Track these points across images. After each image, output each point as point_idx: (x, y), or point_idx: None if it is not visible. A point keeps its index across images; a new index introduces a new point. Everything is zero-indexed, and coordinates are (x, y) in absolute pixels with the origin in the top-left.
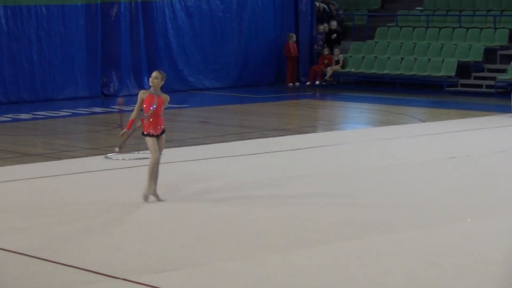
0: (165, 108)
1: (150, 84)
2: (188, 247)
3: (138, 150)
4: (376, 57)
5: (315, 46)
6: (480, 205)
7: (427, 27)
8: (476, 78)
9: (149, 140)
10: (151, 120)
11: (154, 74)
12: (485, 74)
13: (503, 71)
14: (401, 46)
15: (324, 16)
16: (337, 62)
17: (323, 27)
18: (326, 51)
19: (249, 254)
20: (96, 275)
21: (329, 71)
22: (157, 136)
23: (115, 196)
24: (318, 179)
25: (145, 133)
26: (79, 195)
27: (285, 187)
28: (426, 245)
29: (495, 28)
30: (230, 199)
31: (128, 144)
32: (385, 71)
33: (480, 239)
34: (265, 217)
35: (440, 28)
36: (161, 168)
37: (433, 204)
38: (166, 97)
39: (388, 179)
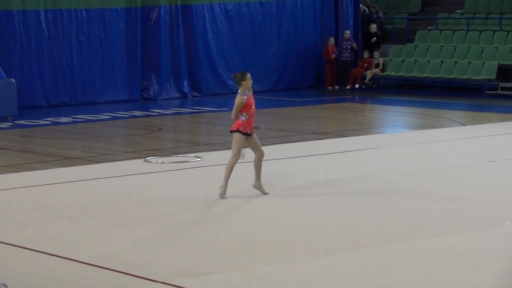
0: (205, 112)
1: (250, 85)
2: (227, 251)
3: (177, 153)
4: (416, 60)
5: (344, 52)
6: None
7: (467, 30)
8: None
9: (241, 139)
10: (250, 119)
11: (250, 75)
12: None
13: None
14: (441, 49)
15: (364, 19)
16: (377, 65)
17: (347, 33)
18: (366, 54)
19: (292, 257)
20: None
21: (369, 74)
22: (251, 135)
23: (158, 198)
24: (359, 182)
25: (243, 131)
26: (120, 198)
27: (326, 189)
28: (468, 249)
29: None
30: (271, 202)
31: (166, 147)
32: (425, 75)
33: None
34: (304, 219)
35: (481, 31)
36: (204, 170)
37: (474, 207)
38: None
39: (429, 183)
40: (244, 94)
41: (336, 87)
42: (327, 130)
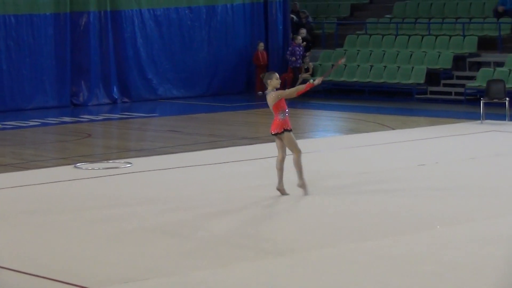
0: (135, 117)
1: (277, 85)
2: (164, 258)
3: (107, 159)
4: (345, 65)
5: (294, 58)
6: (451, 212)
7: (396, 35)
8: (445, 85)
9: (290, 135)
10: (286, 117)
11: (277, 75)
12: (454, 81)
13: (472, 78)
14: (371, 54)
15: (293, 24)
16: (307, 70)
17: (298, 38)
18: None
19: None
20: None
21: (299, 79)
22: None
23: (88, 205)
24: (287, 187)
25: (289, 129)
26: (48, 205)
27: (260, 193)
28: (396, 254)
29: (464, 36)
30: (188, 209)
31: (96, 153)
32: (355, 79)
33: (450, 247)
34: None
35: (409, 35)
36: (135, 176)
37: (404, 211)
38: None
39: (357, 187)
40: (273, 92)
41: (266, 92)
42: (258, 135)
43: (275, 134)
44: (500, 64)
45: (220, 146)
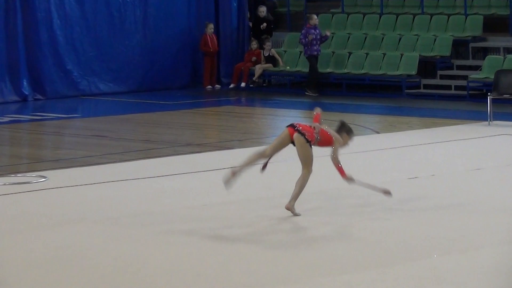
0: (50, 119)
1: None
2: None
3: (16, 172)
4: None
5: (314, 45)
6: (450, 238)
7: (381, 14)
8: (442, 77)
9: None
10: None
11: None
12: (454, 72)
13: (476, 68)
14: (349, 38)
15: (251, 1)
16: (268, 58)
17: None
18: (254, 45)
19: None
20: None
21: (258, 70)
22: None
23: None
24: (239, 205)
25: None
26: None
27: (208, 214)
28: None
29: (466, 15)
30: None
31: (2, 165)
32: (329, 70)
33: (449, 281)
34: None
35: (398, 14)
36: (50, 193)
37: (392, 237)
38: None
39: (332, 208)
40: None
41: (217, 86)
42: (206, 141)
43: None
44: (511, 51)
45: (159, 155)
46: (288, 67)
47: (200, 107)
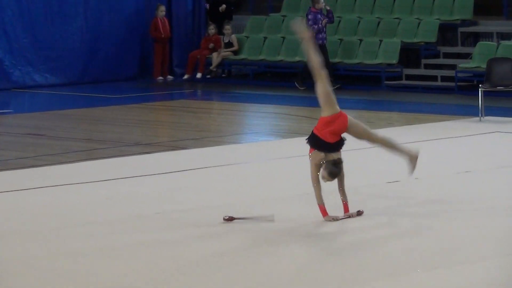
0: None
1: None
2: None
3: None
4: (283, 37)
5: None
6: (436, 250)
7: None
8: (427, 66)
9: None
10: None
11: None
12: (441, 61)
13: (466, 56)
14: None
15: None
16: (228, 45)
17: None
18: (211, 30)
19: None
20: None
21: (216, 58)
22: None
23: None
24: (200, 212)
25: None
26: None
27: (156, 225)
28: None
29: None
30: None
31: None
32: (297, 58)
33: None
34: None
35: None
36: None
37: (370, 249)
38: None
39: (304, 212)
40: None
41: (169, 77)
42: (157, 140)
43: None
44: (506, 36)
45: (103, 156)
46: (250, 56)
47: (150, 101)
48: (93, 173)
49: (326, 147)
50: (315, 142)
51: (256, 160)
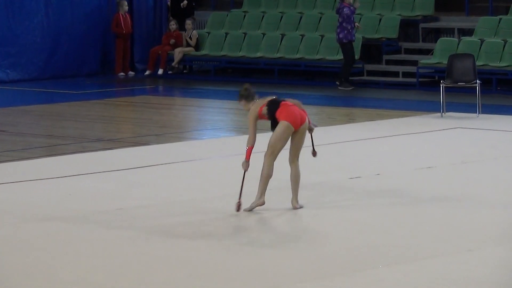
0: None
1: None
2: None
3: None
4: (245, 33)
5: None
6: (399, 246)
7: None
8: (389, 62)
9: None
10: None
11: None
12: (402, 56)
13: (427, 52)
14: (282, 17)
15: None
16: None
17: None
18: (173, 25)
19: None
20: None
21: (178, 54)
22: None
23: None
24: (151, 210)
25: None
26: None
27: (118, 221)
28: None
29: None
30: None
31: None
32: (259, 54)
33: None
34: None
35: None
36: None
37: (331, 245)
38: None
39: (266, 205)
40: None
41: (131, 73)
42: (118, 136)
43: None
44: (467, 32)
45: (65, 152)
46: (212, 52)
47: (112, 97)
48: (55, 169)
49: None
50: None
51: (217, 156)
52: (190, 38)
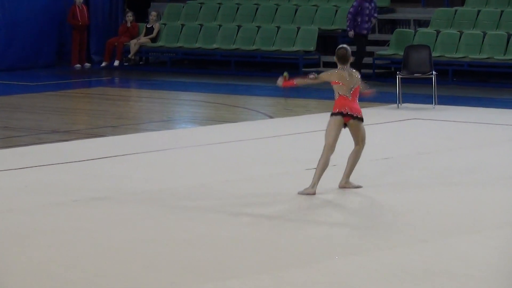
0: None
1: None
2: None
3: None
4: (201, 25)
5: (360, 19)
6: (354, 237)
7: None
8: None
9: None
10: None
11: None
12: None
13: (383, 43)
14: (238, 9)
15: None
16: (150, 31)
17: None
18: (129, 16)
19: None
20: None
21: (134, 46)
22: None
23: None
24: (110, 202)
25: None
26: None
27: (74, 213)
28: None
29: None
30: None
31: None
32: (215, 46)
33: (349, 285)
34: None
35: None
36: None
37: (286, 237)
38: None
39: (224, 197)
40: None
41: (87, 64)
42: (75, 128)
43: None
44: (423, 23)
45: (20, 143)
46: (168, 43)
47: (68, 89)
48: (10, 160)
49: None
50: None
51: (174, 148)
52: (153, 28)
